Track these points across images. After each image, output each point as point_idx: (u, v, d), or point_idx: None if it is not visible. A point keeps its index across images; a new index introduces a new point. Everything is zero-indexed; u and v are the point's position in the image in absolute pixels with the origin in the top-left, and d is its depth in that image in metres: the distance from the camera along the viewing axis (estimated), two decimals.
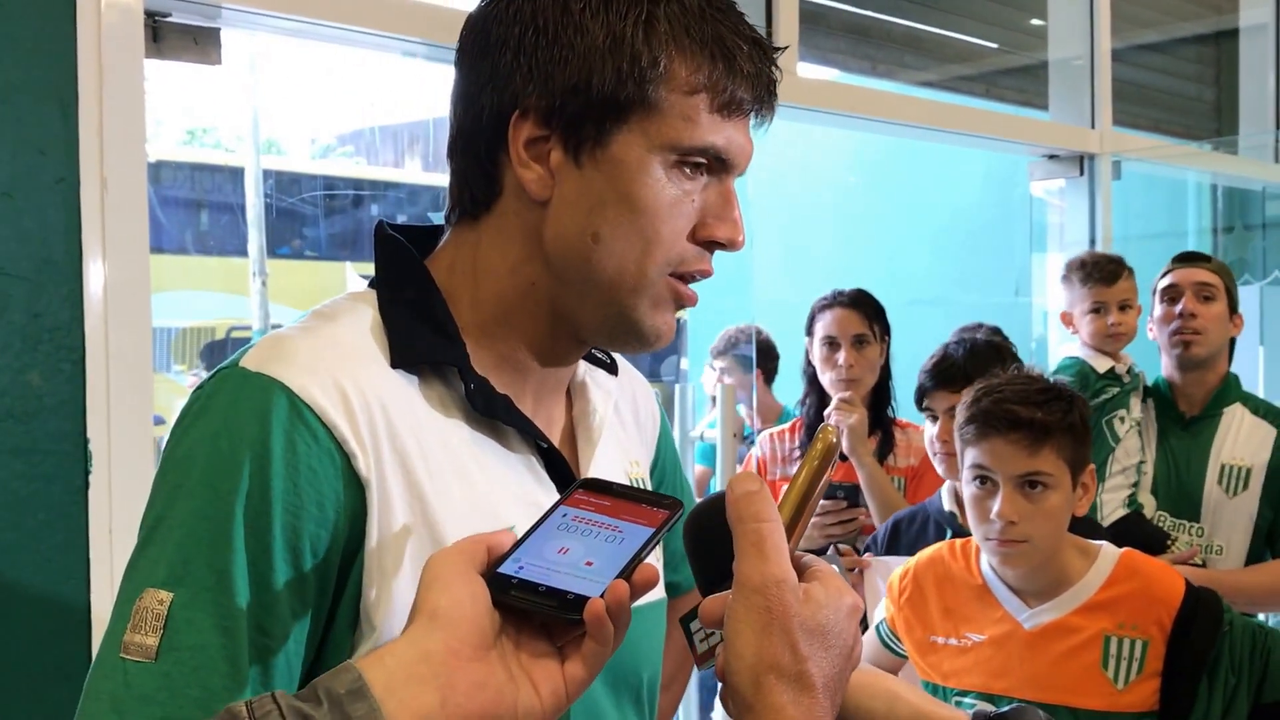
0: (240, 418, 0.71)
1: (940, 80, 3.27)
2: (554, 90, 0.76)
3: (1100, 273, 2.39)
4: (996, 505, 1.44)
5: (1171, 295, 2.27)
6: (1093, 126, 3.27)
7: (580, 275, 0.79)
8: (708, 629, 0.74)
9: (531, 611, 0.64)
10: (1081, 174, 3.25)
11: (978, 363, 1.90)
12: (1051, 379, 1.58)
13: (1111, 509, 2.29)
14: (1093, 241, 3.23)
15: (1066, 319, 2.47)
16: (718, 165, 0.79)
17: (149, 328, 1.45)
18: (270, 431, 0.70)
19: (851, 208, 4.99)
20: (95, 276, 1.39)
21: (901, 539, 1.98)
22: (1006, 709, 0.82)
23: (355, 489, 0.72)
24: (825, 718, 0.62)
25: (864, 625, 1.52)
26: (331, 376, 0.73)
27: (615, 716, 0.84)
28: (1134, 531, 2.19)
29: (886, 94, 2.91)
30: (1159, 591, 1.43)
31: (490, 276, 0.81)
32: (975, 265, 4.42)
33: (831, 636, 0.64)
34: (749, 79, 0.78)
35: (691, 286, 0.82)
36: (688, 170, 0.78)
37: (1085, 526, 1.58)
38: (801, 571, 0.66)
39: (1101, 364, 2.37)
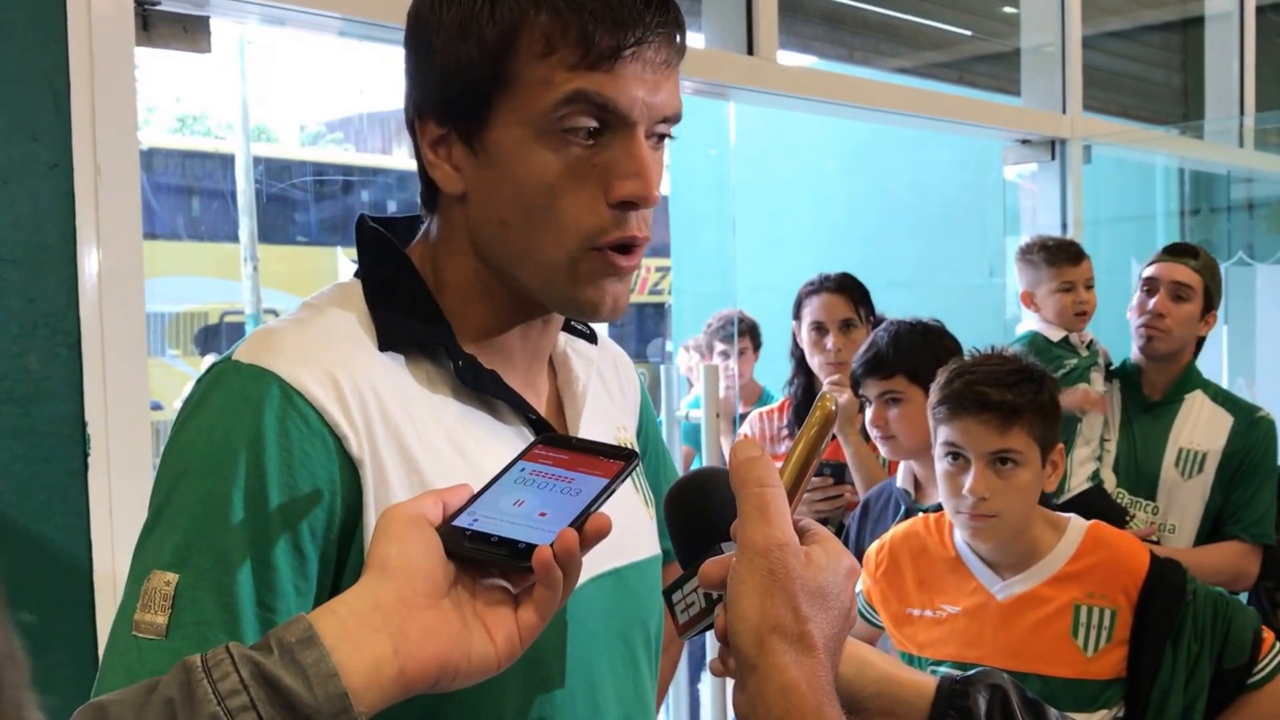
0: (235, 407, 0.74)
1: (915, 67, 3.31)
2: (432, 90, 0.79)
3: (1067, 254, 2.48)
4: (968, 481, 1.47)
5: (1149, 287, 2.34)
6: (1064, 112, 3.32)
7: (503, 260, 0.80)
8: (689, 599, 0.77)
9: (484, 561, 0.66)
10: (1053, 158, 3.31)
11: (900, 349, 1.93)
12: (1020, 356, 1.62)
13: (1079, 480, 2.37)
14: (1064, 224, 3.29)
15: (1028, 298, 2.54)
16: (613, 121, 0.76)
17: (142, 312, 1.46)
18: (264, 419, 0.73)
19: (829, 193, 5.03)
20: (90, 262, 1.40)
21: (870, 513, 2.04)
22: (971, 672, 0.86)
23: (349, 470, 0.75)
24: (826, 676, 0.63)
25: None
26: (321, 364, 0.76)
27: (625, 658, 0.88)
28: (1095, 505, 2.26)
29: (863, 80, 2.94)
30: (1125, 562, 1.46)
31: (446, 269, 0.84)
32: (950, 248, 4.46)
33: (831, 598, 0.65)
34: (610, 23, 0.74)
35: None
36: (578, 135, 0.75)
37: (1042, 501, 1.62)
38: (801, 535, 0.67)
39: (1055, 334, 2.46)
